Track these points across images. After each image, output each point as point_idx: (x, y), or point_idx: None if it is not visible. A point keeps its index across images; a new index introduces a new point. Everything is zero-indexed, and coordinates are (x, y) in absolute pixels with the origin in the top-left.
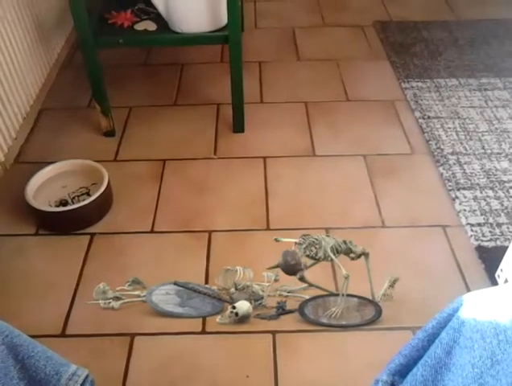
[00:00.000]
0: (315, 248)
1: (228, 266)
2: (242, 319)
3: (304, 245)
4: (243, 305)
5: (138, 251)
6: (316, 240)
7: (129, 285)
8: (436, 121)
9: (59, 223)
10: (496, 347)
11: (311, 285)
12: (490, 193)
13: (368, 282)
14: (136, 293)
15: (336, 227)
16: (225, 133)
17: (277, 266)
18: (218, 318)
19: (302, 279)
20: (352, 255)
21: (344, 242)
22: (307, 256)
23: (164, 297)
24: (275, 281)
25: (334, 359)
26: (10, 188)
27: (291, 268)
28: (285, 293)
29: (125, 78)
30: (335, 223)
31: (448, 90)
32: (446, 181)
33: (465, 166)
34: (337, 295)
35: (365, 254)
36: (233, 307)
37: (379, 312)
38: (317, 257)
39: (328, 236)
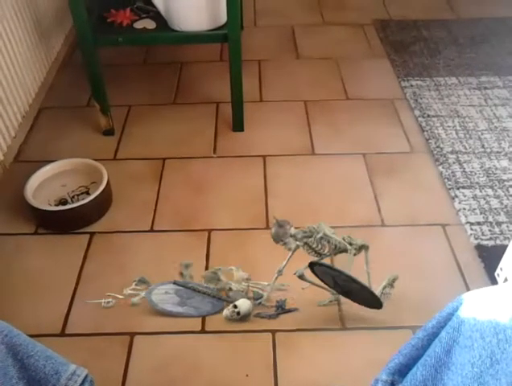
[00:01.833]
0: (322, 243)
1: (217, 267)
2: (243, 318)
3: (311, 239)
4: (244, 304)
5: (138, 250)
6: (325, 235)
7: (135, 285)
8: (436, 120)
9: (59, 222)
10: (495, 347)
11: (311, 283)
12: (490, 192)
13: (366, 278)
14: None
15: (336, 226)
16: (224, 132)
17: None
18: (224, 315)
19: (301, 277)
20: (353, 246)
21: (343, 238)
22: (311, 248)
23: (164, 296)
24: (247, 279)
25: (334, 358)
26: (10, 187)
27: (279, 236)
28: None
29: (125, 77)
30: (334, 221)
31: (448, 89)
32: (445, 179)
33: (465, 165)
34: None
35: (365, 247)
36: (235, 306)
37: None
38: (324, 252)
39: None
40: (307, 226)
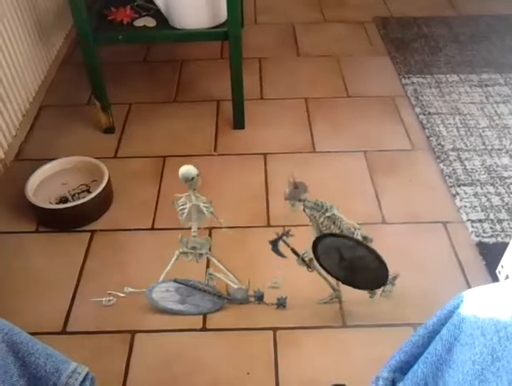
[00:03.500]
0: (326, 223)
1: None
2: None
3: (319, 214)
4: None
5: (139, 248)
6: (333, 215)
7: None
8: (437, 117)
9: (60, 221)
10: (496, 344)
11: (317, 271)
12: (491, 189)
13: None
14: None
15: None
16: (225, 130)
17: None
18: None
19: (311, 263)
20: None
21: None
22: (315, 222)
23: (164, 294)
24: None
25: (335, 356)
26: (11, 185)
27: (294, 194)
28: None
29: (125, 75)
30: None
31: (449, 86)
32: (447, 177)
33: (466, 162)
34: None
35: (368, 239)
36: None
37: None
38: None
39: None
40: (321, 200)
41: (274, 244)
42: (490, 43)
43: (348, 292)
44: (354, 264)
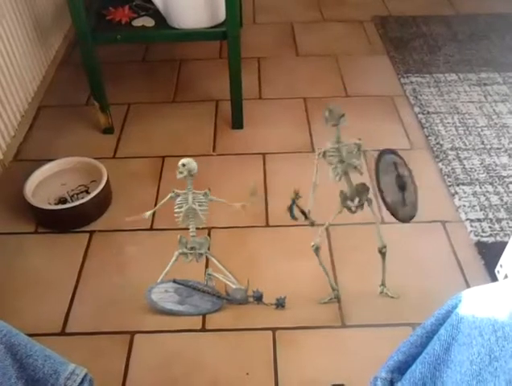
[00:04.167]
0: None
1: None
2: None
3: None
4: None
5: (138, 248)
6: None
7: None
8: (436, 116)
9: (59, 221)
10: (494, 344)
11: (320, 265)
12: (490, 188)
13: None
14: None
15: (336, 224)
16: (223, 130)
17: None
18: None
19: (317, 251)
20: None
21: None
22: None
23: (163, 294)
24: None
25: (334, 356)
26: (9, 186)
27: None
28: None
29: (124, 75)
30: (335, 219)
31: (448, 85)
32: (445, 176)
33: (465, 162)
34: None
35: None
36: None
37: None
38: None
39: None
40: (346, 142)
41: (291, 209)
42: (489, 41)
43: (348, 292)
44: (405, 183)
